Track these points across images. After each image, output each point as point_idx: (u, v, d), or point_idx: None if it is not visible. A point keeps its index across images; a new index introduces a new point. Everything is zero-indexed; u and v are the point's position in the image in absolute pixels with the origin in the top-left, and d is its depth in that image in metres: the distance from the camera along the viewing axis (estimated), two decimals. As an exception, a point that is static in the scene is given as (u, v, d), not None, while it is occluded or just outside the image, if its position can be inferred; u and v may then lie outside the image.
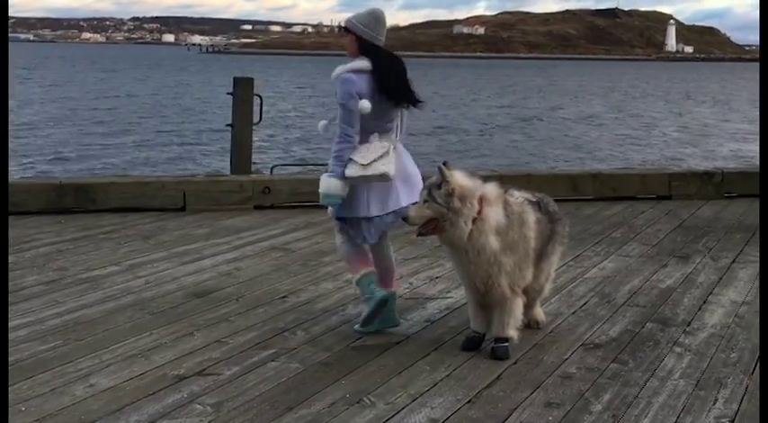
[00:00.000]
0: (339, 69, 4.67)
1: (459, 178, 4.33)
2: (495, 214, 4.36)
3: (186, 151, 23.64)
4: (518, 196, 4.59)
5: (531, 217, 4.53)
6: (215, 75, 72.11)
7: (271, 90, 40.43)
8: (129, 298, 5.45)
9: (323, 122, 4.90)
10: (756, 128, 32.49)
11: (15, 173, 16.81)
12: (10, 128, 25.33)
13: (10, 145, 21.41)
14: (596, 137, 29.45)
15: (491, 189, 4.43)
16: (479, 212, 4.31)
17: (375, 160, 4.58)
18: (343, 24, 4.78)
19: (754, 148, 26.08)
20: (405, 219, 4.44)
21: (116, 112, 34.83)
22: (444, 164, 4.40)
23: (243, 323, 4.99)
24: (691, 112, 42.27)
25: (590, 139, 28.86)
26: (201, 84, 60.51)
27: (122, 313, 5.13)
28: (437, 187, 4.30)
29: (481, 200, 4.34)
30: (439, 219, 4.32)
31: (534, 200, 4.67)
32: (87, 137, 25.79)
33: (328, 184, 4.64)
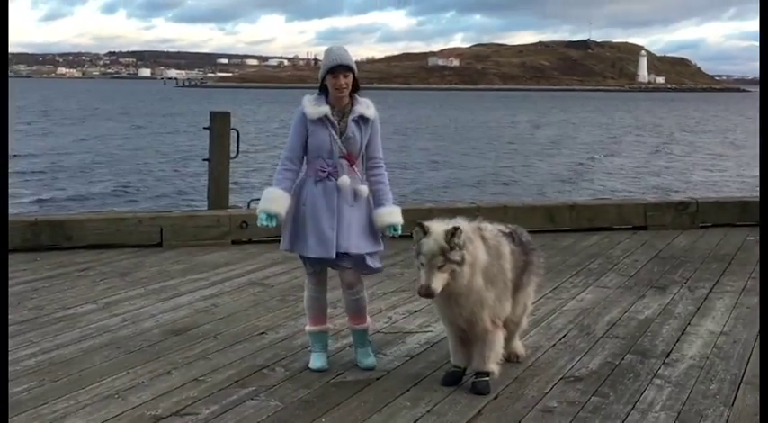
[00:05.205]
0: (372, 107, 4.70)
1: (465, 226, 4.29)
2: (481, 253, 4.34)
3: (162, 186, 23.51)
4: (491, 229, 4.58)
5: (506, 249, 4.53)
6: (191, 108, 71.93)
7: (251, 124, 40.33)
8: (106, 336, 5.39)
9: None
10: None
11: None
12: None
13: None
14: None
15: (466, 226, 4.37)
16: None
17: None
18: (349, 65, 4.59)
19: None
20: (428, 295, 4.20)
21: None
22: (420, 225, 4.26)
23: (221, 360, 4.94)
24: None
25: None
26: (177, 118, 60.31)
27: (98, 352, 5.07)
28: (450, 249, 4.16)
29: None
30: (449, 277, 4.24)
31: (507, 231, 4.68)
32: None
33: None
